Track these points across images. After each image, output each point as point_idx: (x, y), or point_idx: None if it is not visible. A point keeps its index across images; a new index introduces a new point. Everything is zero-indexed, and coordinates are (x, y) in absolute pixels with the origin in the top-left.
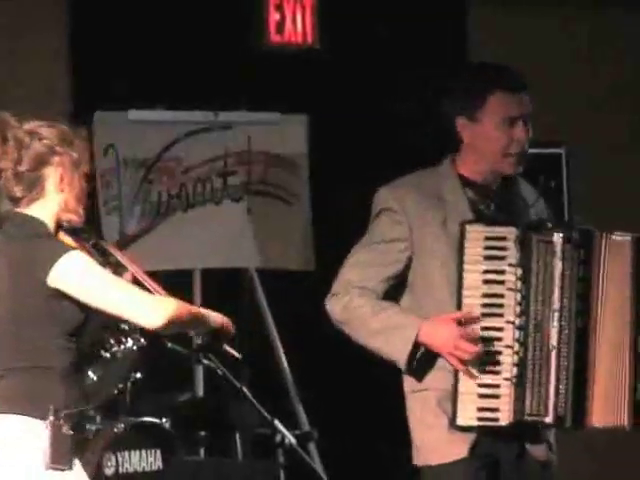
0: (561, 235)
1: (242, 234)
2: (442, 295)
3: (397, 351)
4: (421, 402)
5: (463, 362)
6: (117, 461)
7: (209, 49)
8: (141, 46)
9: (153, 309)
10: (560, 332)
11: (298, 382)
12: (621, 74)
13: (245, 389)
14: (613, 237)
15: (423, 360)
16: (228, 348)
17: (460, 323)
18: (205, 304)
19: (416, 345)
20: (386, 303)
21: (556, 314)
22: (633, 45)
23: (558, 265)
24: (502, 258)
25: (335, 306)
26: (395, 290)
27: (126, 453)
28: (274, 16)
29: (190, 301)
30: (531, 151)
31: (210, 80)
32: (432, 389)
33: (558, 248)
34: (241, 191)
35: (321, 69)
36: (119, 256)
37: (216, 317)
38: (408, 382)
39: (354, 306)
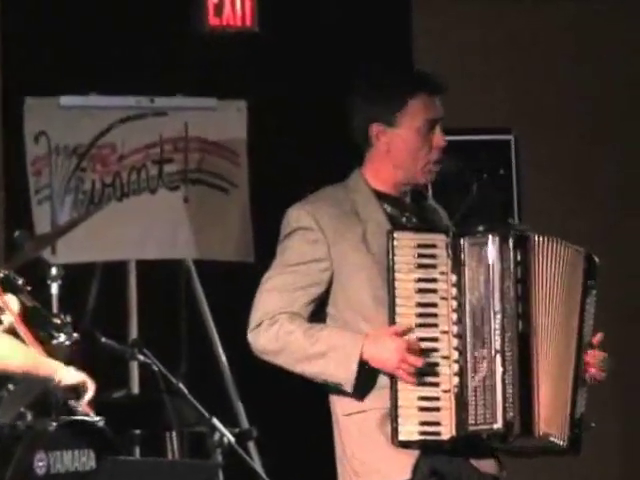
0: (496, 236)
1: (179, 224)
2: (370, 312)
3: (342, 372)
4: (359, 424)
5: (410, 375)
6: (49, 461)
7: (145, 32)
8: (73, 30)
9: None
10: (503, 335)
11: (237, 378)
12: (573, 59)
13: (182, 385)
14: (564, 246)
15: (365, 379)
16: (85, 407)
17: (400, 336)
18: (140, 296)
19: (360, 363)
20: (320, 325)
21: (498, 317)
22: (582, 31)
23: (496, 266)
24: (433, 266)
25: (262, 337)
26: (315, 314)
27: (58, 453)
28: None
29: (125, 294)
30: (477, 138)
31: (145, 64)
32: (371, 410)
33: (494, 249)
34: (177, 179)
35: (261, 53)
36: None
37: (72, 375)
38: (340, 405)
39: (286, 332)
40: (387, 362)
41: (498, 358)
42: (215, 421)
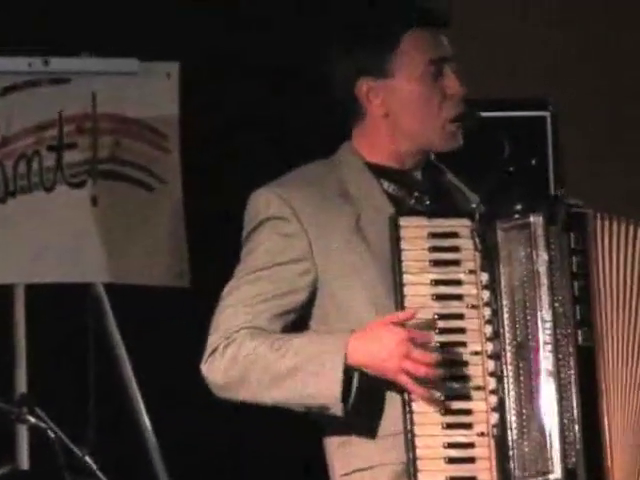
0: (541, 215)
1: (84, 234)
2: None
3: (325, 388)
4: None
5: (418, 383)
6: None
7: None
8: None
9: None
10: (556, 351)
11: (167, 450)
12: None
13: (89, 459)
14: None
15: (364, 395)
16: None
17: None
18: (31, 335)
19: (349, 371)
20: (291, 334)
21: (548, 326)
22: None
23: (543, 257)
24: (456, 263)
25: (217, 365)
26: (292, 330)
27: None
28: None
29: (10, 331)
30: (503, 114)
31: (39, 12)
32: (381, 465)
33: (539, 233)
34: (83, 172)
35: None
36: None
37: None
38: (340, 461)
39: (248, 352)
40: (386, 364)
41: (551, 383)
42: None
